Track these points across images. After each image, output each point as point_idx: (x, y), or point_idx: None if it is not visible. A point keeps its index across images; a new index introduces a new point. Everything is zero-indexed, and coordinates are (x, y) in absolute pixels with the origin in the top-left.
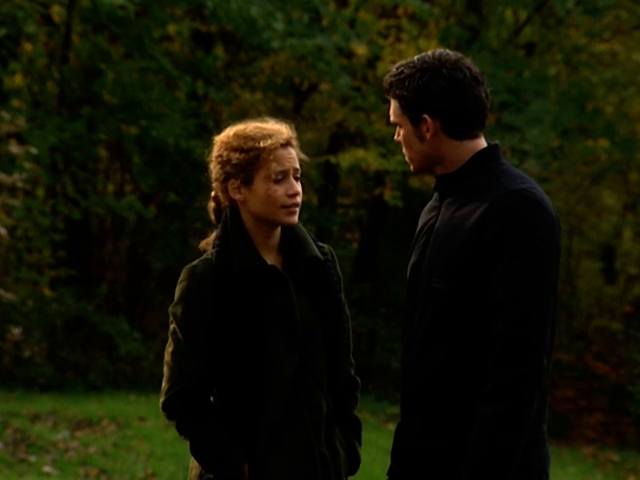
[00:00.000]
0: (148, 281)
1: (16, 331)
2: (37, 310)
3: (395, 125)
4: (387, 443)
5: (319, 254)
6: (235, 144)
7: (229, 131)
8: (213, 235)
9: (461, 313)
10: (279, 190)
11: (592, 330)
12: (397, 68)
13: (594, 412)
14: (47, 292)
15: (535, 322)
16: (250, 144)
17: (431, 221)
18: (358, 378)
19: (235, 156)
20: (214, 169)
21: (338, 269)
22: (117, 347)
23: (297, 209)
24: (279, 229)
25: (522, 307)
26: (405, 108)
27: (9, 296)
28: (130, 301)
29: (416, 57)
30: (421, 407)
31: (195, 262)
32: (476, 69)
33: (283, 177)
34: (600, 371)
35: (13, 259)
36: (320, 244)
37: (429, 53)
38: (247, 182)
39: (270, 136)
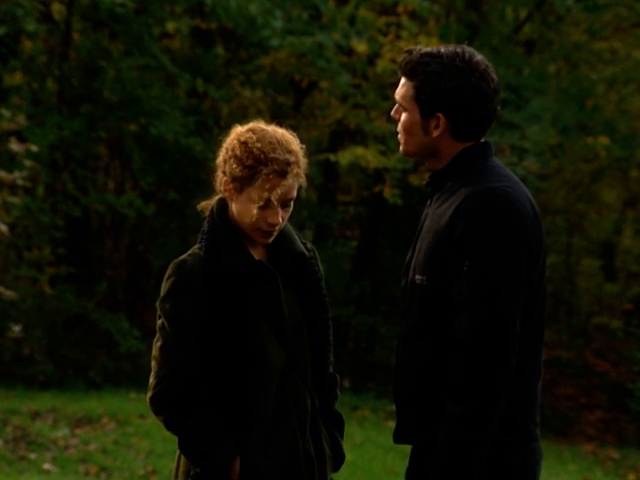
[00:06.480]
0: (148, 278)
1: (16, 328)
2: (37, 307)
3: (396, 103)
4: (387, 441)
5: (305, 250)
6: (238, 153)
7: (244, 133)
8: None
9: (438, 310)
10: (260, 215)
11: (592, 327)
12: (422, 55)
13: (594, 409)
14: (47, 289)
15: (496, 321)
16: (250, 163)
17: (423, 219)
18: (337, 375)
19: (233, 166)
20: (220, 155)
21: (321, 267)
22: (117, 344)
23: (274, 233)
24: None
25: (483, 306)
26: (420, 100)
27: (9, 293)
28: (130, 298)
29: (443, 49)
30: (407, 403)
31: (183, 257)
32: (496, 78)
33: (268, 205)
34: (600, 368)
35: (13, 256)
36: (304, 241)
37: (458, 51)
38: (237, 190)
39: (273, 161)
